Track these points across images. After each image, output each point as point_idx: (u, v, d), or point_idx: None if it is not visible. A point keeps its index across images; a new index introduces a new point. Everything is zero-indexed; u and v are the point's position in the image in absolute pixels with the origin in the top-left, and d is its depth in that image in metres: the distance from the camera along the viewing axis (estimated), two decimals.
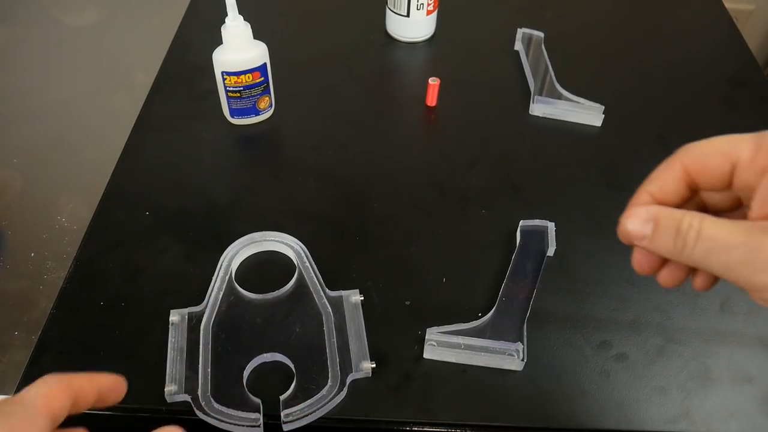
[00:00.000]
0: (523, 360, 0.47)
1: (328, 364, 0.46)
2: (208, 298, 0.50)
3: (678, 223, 0.29)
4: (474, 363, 0.47)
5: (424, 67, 0.75)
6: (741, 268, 0.28)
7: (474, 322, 0.49)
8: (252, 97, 0.63)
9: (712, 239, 0.28)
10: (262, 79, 0.62)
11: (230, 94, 0.62)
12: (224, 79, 0.61)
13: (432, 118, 0.68)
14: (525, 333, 0.48)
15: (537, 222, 0.55)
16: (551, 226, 0.55)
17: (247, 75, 0.61)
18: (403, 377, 0.47)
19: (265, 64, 0.62)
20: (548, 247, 0.54)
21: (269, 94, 0.65)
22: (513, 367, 0.47)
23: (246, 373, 0.46)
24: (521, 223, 0.55)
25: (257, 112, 0.65)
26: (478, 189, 0.60)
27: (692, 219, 0.29)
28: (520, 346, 0.47)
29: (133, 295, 0.51)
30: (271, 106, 0.66)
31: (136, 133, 0.65)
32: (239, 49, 0.60)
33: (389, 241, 0.56)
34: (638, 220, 0.31)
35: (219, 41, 0.60)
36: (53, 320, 0.50)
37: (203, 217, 0.57)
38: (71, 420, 0.32)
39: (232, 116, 0.65)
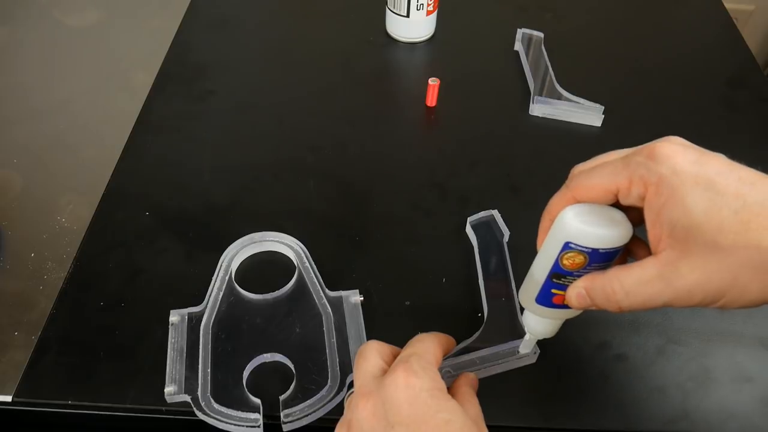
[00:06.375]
0: (536, 353, 0.46)
1: (328, 364, 0.46)
2: (208, 299, 0.50)
3: (602, 289, 0.35)
4: (493, 373, 0.47)
5: (424, 68, 0.75)
6: (674, 296, 0.33)
7: (475, 334, 0.48)
8: None
9: (638, 292, 0.34)
10: None
11: None
12: None
13: (432, 118, 0.68)
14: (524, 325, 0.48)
15: (482, 214, 0.56)
16: (495, 212, 0.56)
17: None
18: None
19: None
20: (502, 236, 0.54)
21: None
22: (530, 362, 0.47)
23: (246, 374, 0.46)
24: (469, 219, 0.56)
25: None
26: (478, 189, 0.60)
27: (611, 283, 0.35)
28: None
29: (133, 295, 0.51)
30: None
31: (136, 133, 0.65)
32: None
33: (389, 241, 0.56)
34: (575, 296, 0.37)
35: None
36: (53, 320, 0.50)
37: (203, 217, 0.57)
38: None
39: None
